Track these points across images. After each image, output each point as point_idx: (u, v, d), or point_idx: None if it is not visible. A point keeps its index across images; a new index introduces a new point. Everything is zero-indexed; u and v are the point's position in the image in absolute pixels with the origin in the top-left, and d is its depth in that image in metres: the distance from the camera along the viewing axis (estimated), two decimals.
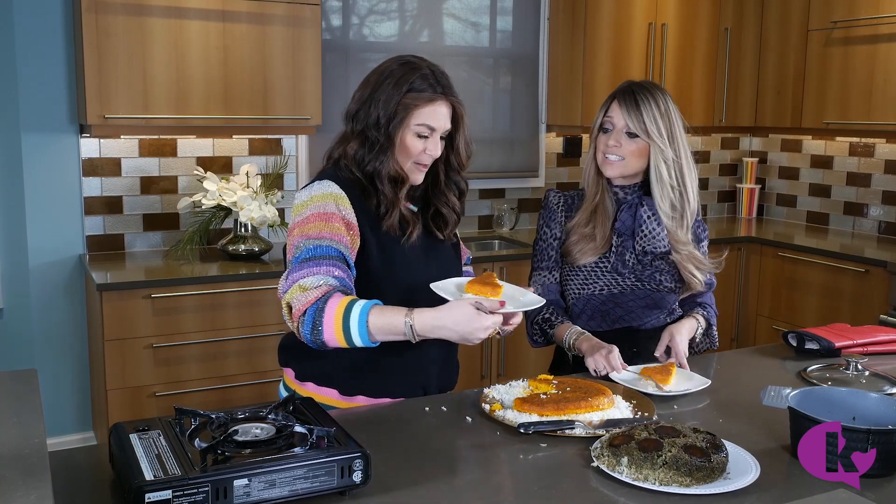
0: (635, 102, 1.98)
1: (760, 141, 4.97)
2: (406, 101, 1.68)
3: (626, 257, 2.02)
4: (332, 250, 1.63)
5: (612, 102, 2.02)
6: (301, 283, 1.60)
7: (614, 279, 2.02)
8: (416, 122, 1.70)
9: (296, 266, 1.63)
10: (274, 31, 3.33)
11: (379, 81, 1.71)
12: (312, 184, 1.73)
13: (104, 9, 3.05)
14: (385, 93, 1.69)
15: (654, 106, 1.98)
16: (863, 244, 4.07)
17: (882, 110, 3.89)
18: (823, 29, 4.13)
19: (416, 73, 1.70)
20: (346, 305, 1.56)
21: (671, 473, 1.30)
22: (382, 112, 1.69)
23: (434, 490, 1.31)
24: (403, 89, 1.69)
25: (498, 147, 4.30)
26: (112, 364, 3.03)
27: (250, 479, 1.19)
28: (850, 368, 1.87)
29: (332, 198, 1.68)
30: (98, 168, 3.44)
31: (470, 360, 3.66)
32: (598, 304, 2.03)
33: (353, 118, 1.74)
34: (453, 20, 4.12)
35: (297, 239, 1.66)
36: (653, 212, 2.01)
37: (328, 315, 1.55)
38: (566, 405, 1.58)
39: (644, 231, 2.01)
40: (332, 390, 1.75)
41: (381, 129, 1.69)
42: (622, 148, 1.99)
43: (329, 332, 1.56)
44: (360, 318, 1.55)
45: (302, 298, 1.58)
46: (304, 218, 1.67)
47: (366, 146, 1.71)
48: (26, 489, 1.04)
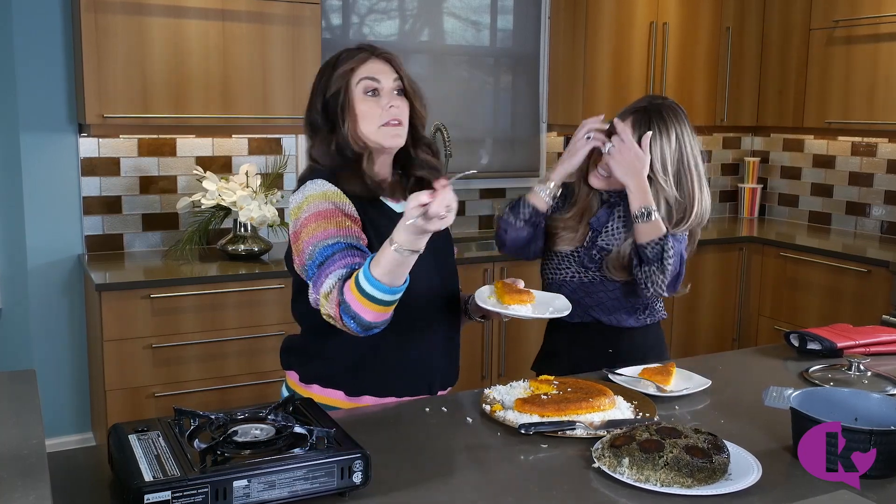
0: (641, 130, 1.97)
1: (762, 140, 4.96)
2: (341, 72, 1.72)
3: (593, 252, 2.04)
4: (339, 245, 1.62)
5: (627, 120, 1.99)
6: (322, 293, 1.59)
7: (583, 268, 2.05)
8: (355, 81, 1.72)
9: (314, 274, 1.63)
10: (274, 31, 3.32)
11: (316, 79, 1.78)
12: (304, 185, 1.72)
13: (103, 8, 3.05)
14: (321, 80, 1.75)
15: (664, 139, 1.98)
16: (865, 244, 4.06)
17: (884, 110, 3.88)
18: (825, 28, 4.13)
19: (348, 48, 1.77)
20: (354, 284, 1.54)
21: (672, 474, 1.30)
22: (326, 93, 1.73)
23: (434, 491, 1.31)
24: (334, 65, 1.74)
25: (498, 146, 4.30)
26: (111, 364, 3.03)
27: (250, 480, 1.19)
28: (853, 369, 1.86)
29: (327, 196, 1.67)
30: (97, 168, 3.44)
31: (470, 360, 3.66)
32: (570, 293, 2.03)
33: (310, 123, 1.78)
34: (454, 19, 4.11)
35: (305, 245, 1.65)
36: (625, 214, 2.02)
37: (352, 302, 1.54)
38: (567, 406, 1.57)
39: (609, 228, 2.03)
40: (339, 392, 1.75)
41: (330, 108, 1.72)
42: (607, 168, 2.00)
43: (367, 313, 1.53)
44: (370, 281, 1.51)
45: (332, 306, 1.57)
46: (305, 220, 1.66)
47: (329, 130, 1.73)
48: (25, 490, 1.04)
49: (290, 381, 1.83)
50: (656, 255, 1.95)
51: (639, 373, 1.84)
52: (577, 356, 2.06)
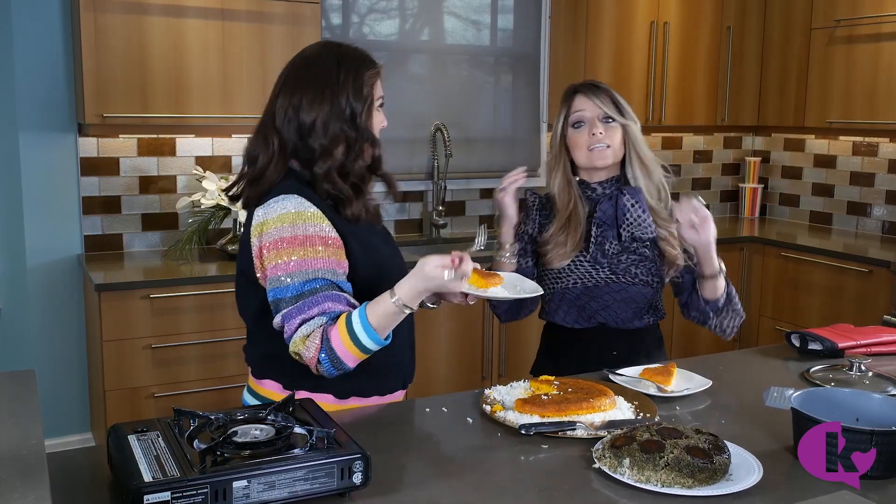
0: (598, 87, 2.01)
1: (763, 140, 4.96)
2: (370, 81, 1.67)
3: (607, 247, 2.00)
4: (321, 281, 1.58)
5: (575, 96, 2.02)
6: (301, 333, 1.57)
7: (588, 272, 2.00)
8: (377, 97, 1.69)
9: (289, 304, 1.58)
10: (273, 30, 3.32)
11: (332, 76, 1.64)
12: (276, 200, 1.61)
13: (102, 7, 3.04)
14: (348, 84, 1.64)
15: (612, 90, 2.03)
16: (866, 244, 4.06)
17: (886, 109, 3.88)
18: (826, 27, 4.12)
19: (358, 51, 1.69)
20: (346, 326, 1.56)
21: (673, 475, 1.30)
22: (355, 104, 1.63)
23: (435, 492, 1.31)
24: (363, 71, 1.65)
25: (499, 146, 4.29)
26: (110, 365, 3.02)
27: (249, 480, 1.18)
28: (854, 369, 1.86)
29: (305, 217, 1.59)
30: (96, 167, 3.43)
31: (471, 360, 3.66)
32: (573, 299, 2.02)
33: (310, 130, 1.63)
34: (454, 18, 4.11)
35: (280, 272, 1.58)
36: (636, 200, 1.99)
37: (338, 347, 1.56)
38: (567, 406, 1.57)
39: (629, 219, 1.99)
40: (328, 395, 1.72)
41: (358, 121, 1.64)
42: (605, 134, 1.98)
43: (348, 358, 1.58)
44: (365, 327, 1.56)
45: (310, 348, 1.57)
46: (279, 240, 1.58)
47: (351, 147, 1.65)
48: (24, 491, 1.04)
49: (268, 392, 1.75)
50: (728, 299, 2.01)
51: (639, 373, 1.84)
52: (579, 360, 2.02)
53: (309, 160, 1.66)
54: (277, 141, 1.67)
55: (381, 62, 1.74)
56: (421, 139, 4.05)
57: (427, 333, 3.55)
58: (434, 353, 3.57)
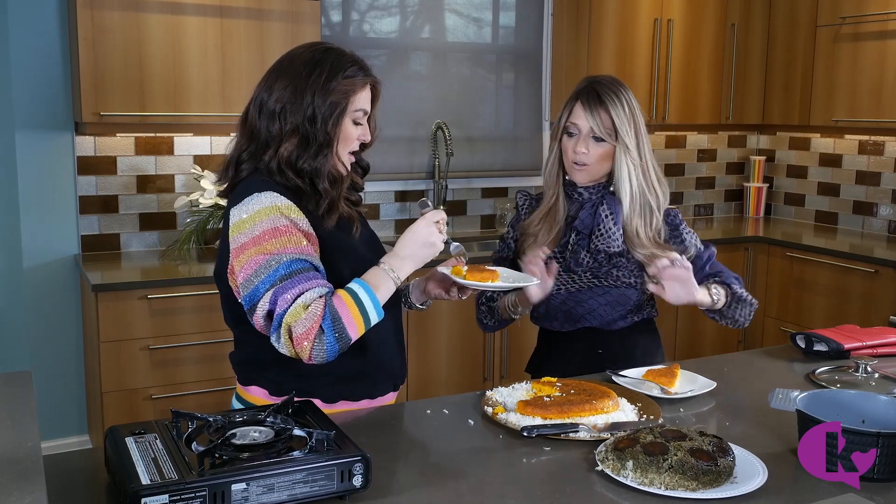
0: (600, 103, 1.94)
1: (768, 139, 4.94)
2: (344, 89, 1.63)
3: (581, 256, 2.00)
4: (305, 263, 1.55)
5: (576, 105, 1.97)
6: (301, 301, 1.51)
7: (569, 278, 2.00)
8: (353, 108, 1.65)
9: (280, 282, 1.53)
10: (272, 28, 3.31)
11: (303, 73, 1.62)
12: (249, 198, 1.59)
13: (99, 4, 3.03)
14: (317, 84, 1.61)
15: (619, 106, 1.94)
16: (872, 244, 4.04)
17: (892, 108, 3.86)
18: (832, 25, 4.10)
19: (344, 58, 1.66)
20: (351, 295, 1.55)
21: (677, 477, 1.29)
22: (320, 104, 1.61)
23: (436, 494, 1.30)
24: (339, 77, 1.63)
25: (500, 145, 4.28)
26: (108, 366, 3.01)
27: (248, 483, 1.18)
28: (860, 370, 1.85)
29: (279, 210, 1.57)
30: (93, 166, 3.41)
31: (472, 362, 3.64)
32: (558, 304, 2.01)
33: (277, 117, 1.61)
34: (455, 16, 4.09)
35: (260, 257, 1.53)
36: (612, 211, 1.97)
37: (345, 314, 1.53)
38: (570, 408, 1.56)
39: (601, 230, 1.97)
40: (315, 400, 1.68)
41: (318, 123, 1.61)
42: (589, 154, 1.95)
43: (353, 328, 1.54)
44: (370, 295, 1.56)
45: (310, 318, 1.50)
46: (256, 236, 1.55)
47: (302, 145, 1.62)
48: (20, 493, 1.03)
49: (253, 398, 1.71)
50: (733, 299, 1.98)
51: (643, 374, 1.83)
52: (566, 358, 2.03)
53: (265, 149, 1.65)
54: (249, 133, 1.67)
55: (378, 76, 1.71)
56: (422, 138, 4.04)
57: (428, 335, 3.53)
58: (435, 354, 3.56)
